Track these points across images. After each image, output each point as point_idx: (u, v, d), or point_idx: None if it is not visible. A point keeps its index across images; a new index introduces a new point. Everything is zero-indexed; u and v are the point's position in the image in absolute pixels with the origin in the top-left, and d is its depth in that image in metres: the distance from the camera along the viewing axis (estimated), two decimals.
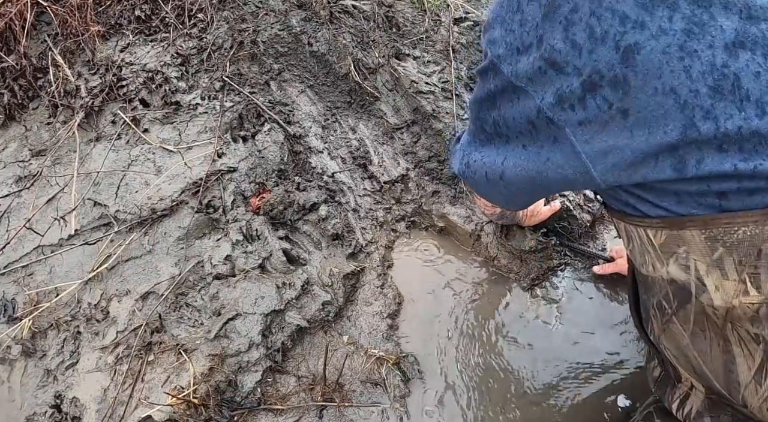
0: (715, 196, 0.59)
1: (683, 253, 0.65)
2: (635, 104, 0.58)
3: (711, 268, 0.63)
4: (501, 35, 0.69)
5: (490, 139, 0.82)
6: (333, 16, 1.76)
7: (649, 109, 0.58)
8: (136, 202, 1.39)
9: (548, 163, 0.70)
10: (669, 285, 0.70)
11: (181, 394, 1.07)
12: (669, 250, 0.67)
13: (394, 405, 1.14)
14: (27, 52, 1.71)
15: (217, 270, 1.27)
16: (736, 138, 0.56)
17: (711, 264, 0.62)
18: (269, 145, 1.51)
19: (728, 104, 0.56)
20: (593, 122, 0.61)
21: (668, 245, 0.66)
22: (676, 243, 0.65)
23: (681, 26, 0.56)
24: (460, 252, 1.45)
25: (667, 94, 0.57)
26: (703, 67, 0.56)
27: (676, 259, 0.66)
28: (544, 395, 1.15)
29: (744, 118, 0.55)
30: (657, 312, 0.77)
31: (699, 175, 0.58)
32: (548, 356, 1.21)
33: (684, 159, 0.58)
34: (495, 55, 0.69)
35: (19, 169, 1.56)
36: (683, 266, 0.66)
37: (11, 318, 1.29)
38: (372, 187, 1.57)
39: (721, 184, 0.58)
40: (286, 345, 1.20)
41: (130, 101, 1.61)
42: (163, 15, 1.81)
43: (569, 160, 0.67)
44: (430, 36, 1.79)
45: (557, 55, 0.61)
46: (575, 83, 0.61)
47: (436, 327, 1.29)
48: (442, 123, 1.59)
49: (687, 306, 0.69)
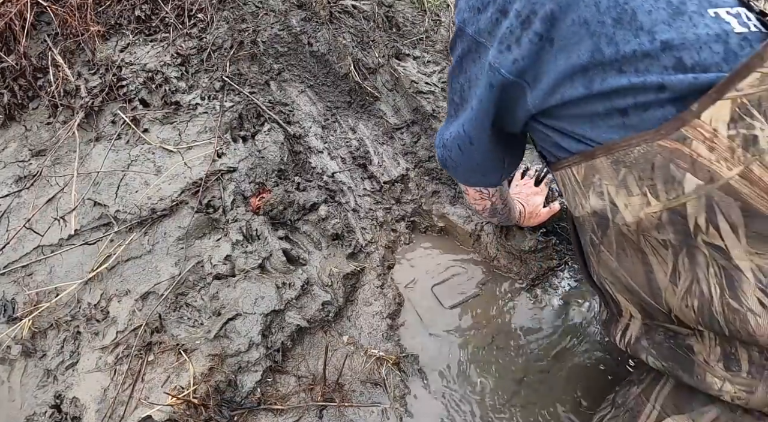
0: (619, 114, 0.69)
1: (597, 181, 0.75)
2: (558, 34, 0.71)
3: (619, 189, 0.72)
4: (465, 2, 0.81)
5: (458, 109, 0.92)
6: (333, 16, 1.76)
7: (568, 37, 0.70)
8: (136, 202, 1.39)
9: (490, 103, 0.81)
10: (592, 218, 0.80)
11: (181, 394, 1.07)
12: (588, 182, 0.77)
13: (394, 405, 1.14)
14: (27, 52, 1.71)
15: (217, 270, 1.27)
16: (632, 59, 0.67)
17: (618, 184, 0.72)
18: (269, 145, 1.51)
19: (626, 32, 0.68)
20: (526, 57, 0.74)
21: (587, 177, 0.77)
22: (592, 173, 0.75)
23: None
24: (460, 252, 1.45)
25: (581, 24, 0.69)
26: (608, 3, 0.69)
27: (593, 189, 0.77)
28: (544, 394, 1.15)
29: (639, 44, 0.67)
30: (591, 248, 0.87)
31: (603, 91, 0.69)
32: (549, 355, 1.21)
33: (592, 78, 0.70)
34: (461, 21, 0.81)
35: (19, 169, 1.56)
36: (599, 193, 0.76)
37: (11, 318, 1.29)
38: (372, 187, 1.57)
39: (621, 99, 0.68)
40: (286, 345, 1.20)
41: (130, 101, 1.61)
42: (163, 15, 1.80)
43: (508, 91, 0.78)
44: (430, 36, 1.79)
45: (507, 3, 0.74)
46: (515, 23, 0.73)
47: (436, 327, 1.29)
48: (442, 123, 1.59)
49: (608, 232, 0.79)
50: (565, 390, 1.15)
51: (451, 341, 1.25)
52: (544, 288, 1.35)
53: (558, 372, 1.18)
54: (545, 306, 1.31)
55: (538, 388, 1.16)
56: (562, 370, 1.19)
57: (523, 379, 1.18)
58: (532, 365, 1.20)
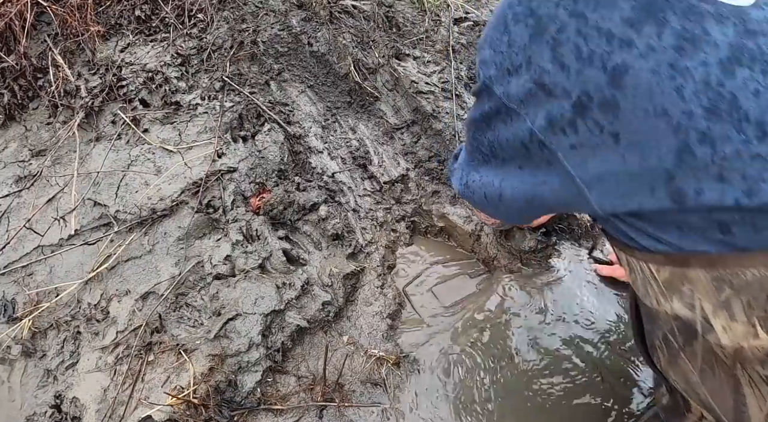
0: (719, 230, 0.56)
1: (688, 291, 0.62)
2: (626, 127, 0.55)
3: (718, 309, 0.59)
4: (491, 56, 0.68)
5: (487, 160, 0.80)
6: (333, 16, 1.76)
7: (640, 133, 0.55)
8: (136, 202, 1.39)
9: (545, 186, 0.68)
10: (674, 321, 0.67)
11: (181, 394, 1.07)
12: (673, 287, 0.63)
13: (394, 405, 1.14)
14: (27, 52, 1.71)
15: (217, 270, 1.27)
16: (736, 162, 0.52)
17: (718, 305, 0.59)
18: (269, 145, 1.51)
19: (725, 126, 0.52)
20: (585, 146, 0.59)
21: (672, 282, 0.63)
22: (681, 280, 0.62)
23: (671, 43, 0.53)
24: (460, 252, 1.45)
25: (658, 116, 0.53)
26: (696, 87, 0.52)
27: (681, 297, 0.63)
28: (544, 393, 1.15)
29: (743, 141, 0.51)
30: (663, 345, 0.74)
31: (699, 207, 0.54)
32: (549, 355, 1.21)
33: (681, 189, 0.55)
34: (487, 77, 0.69)
35: (19, 169, 1.56)
36: (688, 304, 0.63)
37: (11, 318, 1.29)
38: (372, 187, 1.57)
39: (724, 215, 0.54)
40: (286, 345, 1.20)
41: (130, 101, 1.61)
42: (163, 15, 1.80)
43: (565, 183, 0.64)
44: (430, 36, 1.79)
45: (546, 76, 0.59)
46: (566, 106, 0.58)
47: (436, 327, 1.29)
48: (442, 123, 1.59)
49: (694, 343, 0.66)
50: (566, 389, 1.15)
51: (451, 341, 1.25)
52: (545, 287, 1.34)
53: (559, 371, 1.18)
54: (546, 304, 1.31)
55: (541, 386, 1.16)
56: (564, 369, 1.18)
57: (524, 379, 1.18)
58: (533, 363, 1.20)
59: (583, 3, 0.58)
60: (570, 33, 0.58)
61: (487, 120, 0.73)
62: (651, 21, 0.54)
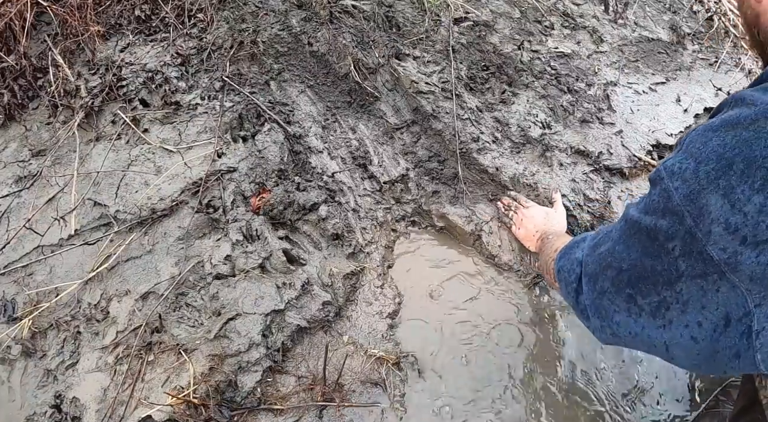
0: None
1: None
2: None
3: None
4: (721, 207, 0.55)
5: (654, 313, 0.67)
6: (333, 16, 1.76)
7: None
8: (136, 202, 1.39)
9: (722, 353, 0.61)
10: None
11: (181, 394, 1.07)
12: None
13: (394, 405, 1.14)
14: (27, 52, 1.71)
15: (217, 270, 1.27)
16: None
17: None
18: (269, 145, 1.51)
19: None
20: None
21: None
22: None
23: None
24: (460, 252, 1.45)
25: None
26: None
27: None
28: (545, 393, 1.15)
29: None
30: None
31: None
32: (549, 354, 1.21)
33: None
34: (703, 231, 0.57)
35: (19, 169, 1.56)
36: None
37: (11, 318, 1.29)
38: (372, 186, 1.57)
39: None
40: (286, 345, 1.20)
41: (130, 101, 1.61)
42: (163, 15, 1.80)
43: (741, 351, 0.59)
44: (430, 36, 1.78)
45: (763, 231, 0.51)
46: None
47: (437, 326, 1.29)
48: (442, 123, 1.59)
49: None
50: (567, 388, 1.15)
51: (451, 341, 1.25)
52: (545, 286, 1.34)
53: (560, 370, 1.18)
54: (546, 304, 1.31)
55: (541, 386, 1.16)
56: (564, 368, 1.18)
57: (525, 379, 1.18)
58: (533, 364, 1.20)
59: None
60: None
61: (676, 275, 0.62)
62: None
